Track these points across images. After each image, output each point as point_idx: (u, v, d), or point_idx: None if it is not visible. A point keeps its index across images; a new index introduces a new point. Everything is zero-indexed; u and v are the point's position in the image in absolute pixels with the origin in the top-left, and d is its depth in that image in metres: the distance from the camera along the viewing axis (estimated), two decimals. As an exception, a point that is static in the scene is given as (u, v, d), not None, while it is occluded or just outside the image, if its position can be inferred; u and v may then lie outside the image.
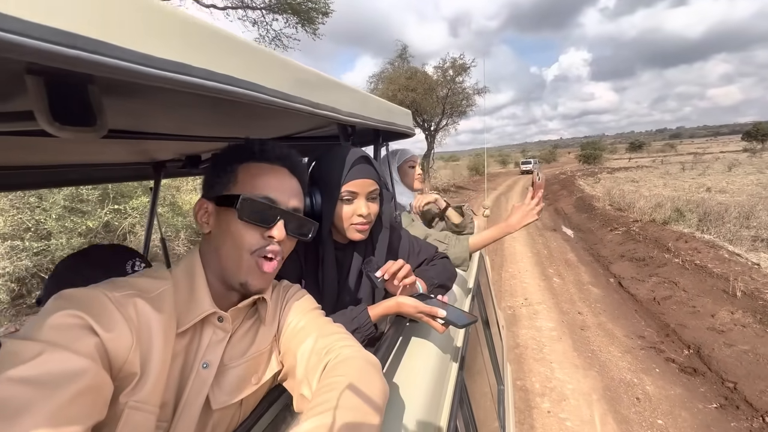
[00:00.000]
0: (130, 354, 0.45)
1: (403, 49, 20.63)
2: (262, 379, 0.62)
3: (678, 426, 2.92)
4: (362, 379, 0.52)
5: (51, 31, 0.26)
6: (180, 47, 0.38)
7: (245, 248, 0.57)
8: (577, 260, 7.35)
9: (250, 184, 0.59)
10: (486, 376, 1.47)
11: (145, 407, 0.46)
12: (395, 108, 1.12)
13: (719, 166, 25.14)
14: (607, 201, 11.94)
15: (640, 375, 3.59)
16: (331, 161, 0.87)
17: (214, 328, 0.57)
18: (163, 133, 0.89)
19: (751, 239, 7.11)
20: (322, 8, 11.23)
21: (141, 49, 0.33)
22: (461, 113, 21.78)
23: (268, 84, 0.55)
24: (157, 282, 0.54)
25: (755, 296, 4.30)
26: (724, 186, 14.71)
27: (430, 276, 0.98)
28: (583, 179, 21.37)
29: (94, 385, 0.39)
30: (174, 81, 0.37)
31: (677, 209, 8.35)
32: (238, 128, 0.95)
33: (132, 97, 0.52)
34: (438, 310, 0.78)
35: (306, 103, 0.58)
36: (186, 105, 0.61)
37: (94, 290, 0.48)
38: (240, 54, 0.47)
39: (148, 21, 0.34)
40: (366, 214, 0.86)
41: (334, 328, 0.65)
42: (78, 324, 0.42)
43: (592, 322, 4.72)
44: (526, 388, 3.39)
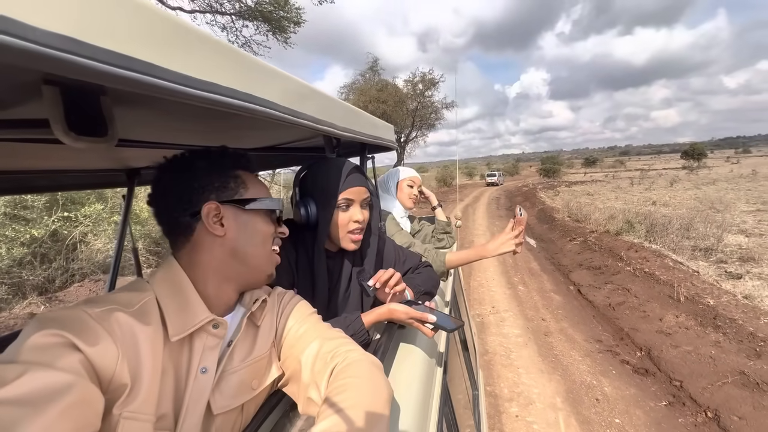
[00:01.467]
0: (117, 365, 0.45)
1: (374, 62, 21.04)
2: (262, 384, 0.63)
3: (633, 424, 3.12)
4: (370, 380, 0.55)
5: (64, 40, 0.26)
6: (182, 58, 0.38)
7: (269, 241, 0.65)
8: (540, 269, 7.70)
9: (255, 190, 0.64)
10: (463, 381, 1.51)
11: (141, 416, 0.46)
12: (379, 122, 1.16)
13: (662, 181, 27.43)
14: (566, 213, 12.64)
15: (599, 377, 3.80)
16: (328, 171, 0.91)
17: (207, 335, 0.57)
18: (143, 141, 0.87)
19: (691, 249, 7.80)
20: (294, 18, 11.22)
21: (146, 59, 0.33)
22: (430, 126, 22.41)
23: (269, 97, 0.55)
24: (137, 295, 0.54)
25: (696, 301, 4.71)
26: (667, 200, 16.05)
27: (417, 284, 1.02)
28: (544, 192, 22.51)
29: (82, 399, 0.39)
30: (179, 93, 0.37)
31: (628, 221, 8.99)
32: (222, 137, 0.94)
33: (122, 106, 0.51)
34: (428, 316, 0.81)
35: (305, 117, 0.61)
36: (171, 113, 0.60)
37: (72, 309, 0.47)
38: (239, 65, 0.47)
39: (150, 30, 0.34)
40: (361, 219, 0.91)
41: (335, 333, 0.67)
42: (59, 342, 0.41)
43: (554, 327, 4.95)
44: (495, 394, 3.49)
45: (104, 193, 8.11)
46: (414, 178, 1.83)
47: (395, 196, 1.81)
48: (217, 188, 0.61)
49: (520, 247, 1.34)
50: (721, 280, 5.51)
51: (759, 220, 11.10)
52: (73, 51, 0.26)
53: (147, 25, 0.34)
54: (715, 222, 8.86)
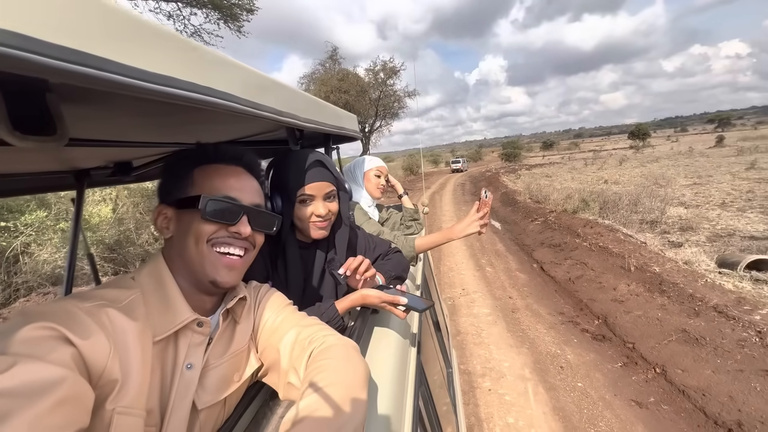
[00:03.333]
0: (108, 360, 0.45)
1: (334, 51, 20.63)
2: (243, 376, 0.64)
3: (593, 386, 3.38)
4: (347, 360, 0.57)
5: (7, 35, 0.25)
6: (136, 51, 0.36)
7: (203, 237, 0.58)
8: (505, 250, 8.04)
9: (208, 186, 0.60)
10: (437, 360, 1.58)
11: (133, 411, 0.46)
12: (342, 112, 1.16)
13: (613, 161, 29.29)
14: (527, 195, 13.21)
15: (562, 346, 4.07)
16: (287, 167, 0.91)
17: (192, 333, 0.58)
18: (94, 140, 0.81)
19: (639, 222, 8.45)
20: (246, 5, 10.73)
21: (96, 53, 0.32)
22: (393, 115, 22.40)
23: (230, 90, 0.54)
24: (124, 291, 0.53)
25: (644, 269, 5.13)
26: (617, 178, 17.19)
27: (388, 269, 1.06)
28: (506, 176, 23.36)
29: (73, 394, 0.38)
30: (135, 88, 0.36)
31: (583, 200, 9.54)
32: (178, 132, 0.89)
33: (71, 103, 0.48)
34: (399, 298, 0.85)
35: (266, 110, 0.60)
36: (124, 110, 0.57)
37: (62, 302, 0.46)
38: (197, 58, 0.46)
39: (101, 23, 0.33)
40: (324, 213, 0.91)
41: (311, 320, 0.69)
42: (51, 335, 0.40)
43: (521, 304, 5.22)
44: (469, 371, 3.64)
45: (46, 198, 7.47)
46: (380, 167, 1.84)
47: (362, 186, 1.81)
48: (169, 190, 0.62)
49: (486, 228, 1.38)
50: (665, 249, 6.03)
51: (695, 192, 12.20)
52: (18, 46, 0.25)
53: (99, 19, 0.32)
54: (658, 197, 9.62)
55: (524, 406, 3.15)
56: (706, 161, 22.62)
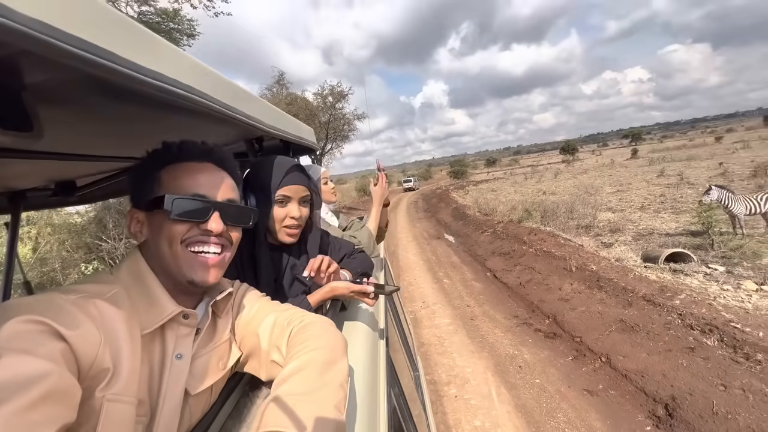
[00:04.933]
0: (99, 350, 0.44)
1: (281, 76, 20.62)
2: (227, 365, 0.65)
3: (549, 380, 3.59)
4: (327, 332, 0.61)
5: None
6: (138, 49, 0.37)
7: (177, 239, 0.57)
8: (460, 261, 8.35)
9: (176, 185, 0.58)
10: (405, 364, 1.62)
11: (123, 399, 0.46)
12: (302, 124, 1.21)
13: (549, 174, 31.94)
14: (476, 209, 13.93)
15: (519, 347, 4.29)
16: (267, 168, 0.93)
17: (179, 325, 0.58)
18: (35, 151, 0.73)
19: (576, 227, 9.26)
20: (186, 30, 10.48)
21: (106, 46, 0.33)
22: (344, 137, 22.69)
23: (209, 92, 0.55)
24: (105, 286, 0.53)
25: (583, 269, 5.61)
26: (554, 189, 18.76)
27: (354, 266, 1.11)
28: (456, 192, 24.44)
29: (58, 388, 0.37)
30: (118, 73, 0.36)
31: (526, 210, 10.29)
32: (130, 145, 0.86)
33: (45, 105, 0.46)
34: (366, 287, 0.90)
35: (240, 114, 0.63)
36: (77, 112, 0.54)
37: (48, 295, 0.46)
38: (179, 59, 0.48)
39: (104, 20, 0.35)
40: (298, 216, 0.94)
41: (286, 306, 0.72)
42: (40, 329, 0.40)
43: (478, 311, 5.43)
44: (434, 381, 3.70)
45: None
46: (323, 173, 1.94)
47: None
48: (137, 193, 0.60)
49: (384, 180, 1.79)
50: (599, 250, 6.66)
51: (619, 198, 13.67)
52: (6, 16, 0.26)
53: (106, 17, 0.35)
54: (590, 204, 10.65)
55: (489, 408, 3.25)
56: (626, 171, 25.50)
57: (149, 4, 9.17)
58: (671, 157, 30.62)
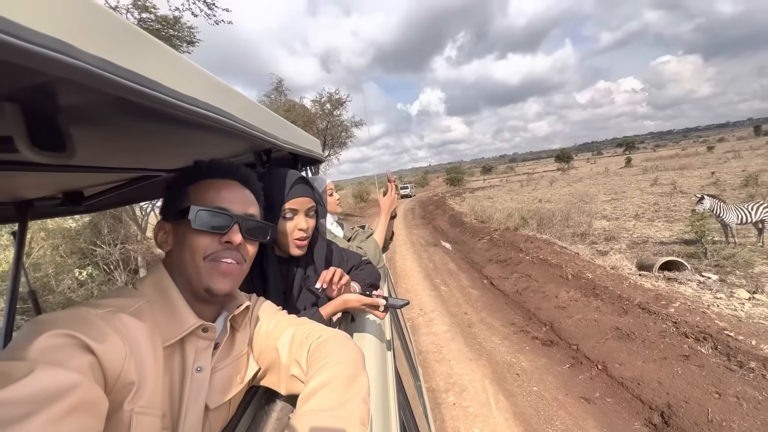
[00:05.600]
0: (125, 363, 0.46)
1: (279, 83, 20.75)
2: (245, 378, 0.67)
3: (547, 388, 3.61)
4: (347, 347, 0.63)
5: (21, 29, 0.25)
6: (131, 55, 0.37)
7: (200, 254, 0.60)
8: (457, 269, 8.38)
9: (201, 198, 0.62)
10: (407, 372, 1.63)
11: (150, 411, 0.48)
12: (309, 136, 1.23)
13: (544, 182, 32.22)
14: (473, 216, 14.00)
15: (516, 355, 4.31)
16: (273, 183, 0.94)
17: (198, 339, 0.60)
18: (45, 164, 0.74)
19: (571, 235, 9.35)
20: (186, 37, 10.55)
21: (124, 64, 0.34)
22: (342, 144, 22.79)
23: (229, 109, 0.57)
24: (129, 300, 0.55)
25: (580, 277, 5.66)
26: (549, 197, 18.92)
27: (362, 278, 1.13)
28: (452, 199, 24.54)
29: (88, 400, 0.39)
30: (128, 89, 0.36)
31: (522, 217, 10.37)
32: (141, 157, 0.87)
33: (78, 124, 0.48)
34: (378, 300, 0.92)
35: (256, 129, 0.66)
36: (91, 126, 0.55)
37: (76, 310, 0.47)
38: (203, 79, 0.50)
39: (97, 23, 0.34)
40: (306, 228, 0.96)
41: (303, 320, 0.73)
42: (69, 342, 0.41)
43: (476, 319, 5.45)
44: (432, 388, 3.70)
45: None
46: (328, 184, 1.94)
47: None
48: (166, 206, 0.64)
49: (396, 193, 1.79)
50: (595, 257, 6.72)
51: (614, 207, 13.82)
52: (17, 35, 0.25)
53: (126, 34, 0.36)
54: (585, 212, 10.76)
55: (488, 416, 3.26)
56: (620, 179, 25.80)
57: (150, 11, 9.24)
58: (664, 166, 31.04)
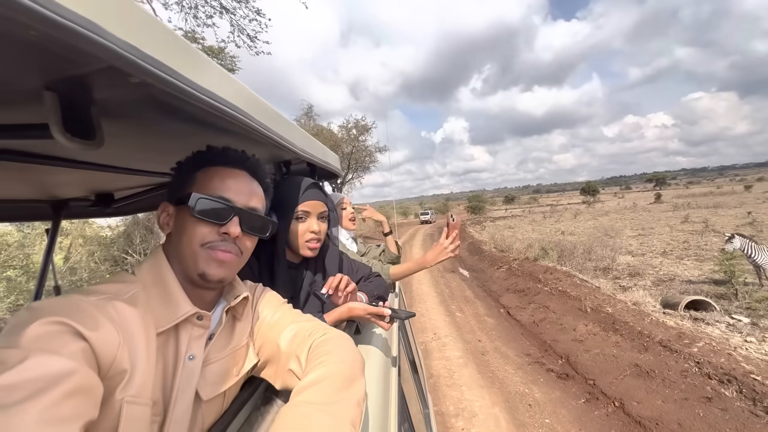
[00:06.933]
0: (118, 351, 0.46)
1: (309, 108, 21.83)
2: (242, 371, 0.66)
3: (560, 421, 3.52)
4: (347, 350, 0.61)
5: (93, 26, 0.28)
6: (193, 68, 0.42)
7: (196, 241, 0.59)
8: (473, 296, 8.31)
9: (206, 185, 0.61)
10: (415, 399, 1.57)
11: (141, 400, 0.48)
12: (328, 150, 1.28)
13: (568, 214, 31.53)
14: (492, 244, 13.87)
15: (530, 385, 4.23)
16: (287, 186, 0.99)
17: (193, 326, 0.59)
18: (85, 162, 0.80)
19: (593, 269, 9.12)
20: (228, 65, 11.45)
21: (177, 69, 0.38)
22: (365, 168, 23.40)
23: (261, 119, 0.60)
24: (126, 286, 0.55)
25: (599, 310, 5.53)
26: (572, 229, 18.51)
27: (371, 289, 1.12)
28: (472, 227, 24.38)
29: (83, 386, 0.39)
30: (197, 98, 0.42)
31: (543, 248, 10.22)
32: (170, 161, 0.82)
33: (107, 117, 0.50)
34: (383, 310, 0.89)
35: (284, 140, 0.72)
36: (127, 125, 0.58)
37: (69, 297, 0.47)
38: (241, 89, 0.54)
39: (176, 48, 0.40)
40: (317, 230, 0.98)
41: (308, 317, 0.72)
42: (62, 330, 0.41)
43: (490, 347, 5.38)
44: (442, 412, 3.68)
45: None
46: (343, 200, 1.91)
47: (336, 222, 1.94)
48: (174, 188, 0.64)
49: (458, 249, 1.41)
50: (617, 292, 6.54)
51: (641, 242, 13.38)
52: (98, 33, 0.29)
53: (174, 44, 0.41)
54: (609, 246, 10.50)
55: (496, 444, 3.21)
56: (648, 215, 24.95)
57: (198, 42, 10.14)
58: (697, 204, 29.84)
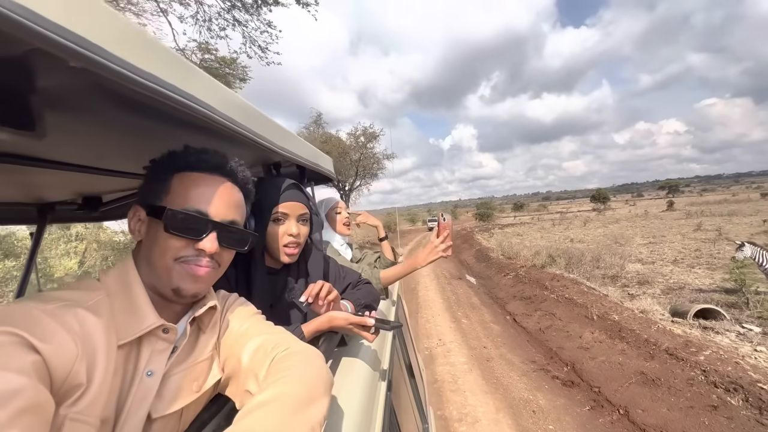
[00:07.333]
0: (75, 364, 0.43)
1: (318, 116, 22.18)
2: (203, 387, 0.59)
3: (564, 428, 3.53)
4: (311, 366, 0.55)
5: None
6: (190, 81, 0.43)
7: (170, 255, 0.56)
8: (480, 303, 8.30)
9: (182, 196, 0.57)
10: (413, 414, 1.49)
11: (86, 419, 0.44)
12: (319, 152, 1.22)
13: (578, 222, 31.21)
14: (500, 252, 13.82)
15: (534, 392, 4.23)
16: (265, 187, 0.92)
17: (157, 339, 0.55)
18: (66, 162, 0.76)
19: (602, 277, 9.04)
20: (240, 75, 11.76)
21: (169, 80, 0.39)
22: (373, 175, 23.60)
23: (237, 117, 0.58)
24: (88, 293, 0.51)
25: (605, 318, 5.50)
26: (582, 237, 18.34)
27: (357, 297, 1.03)
28: (480, 234, 24.27)
29: (34, 404, 0.36)
30: (146, 88, 0.39)
31: (550, 255, 10.17)
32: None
33: (54, 109, 0.48)
34: (367, 320, 0.82)
35: (263, 138, 0.69)
36: (107, 125, 0.56)
37: (23, 305, 0.44)
38: (216, 86, 0.54)
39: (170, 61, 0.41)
40: (296, 233, 0.91)
41: (278, 329, 0.65)
42: (12, 341, 0.38)
43: (495, 353, 5.39)
44: (445, 417, 3.71)
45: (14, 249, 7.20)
46: (338, 204, 1.85)
47: (329, 227, 1.81)
48: (147, 192, 0.59)
49: (449, 250, 1.36)
50: (624, 300, 6.49)
51: (651, 250, 13.20)
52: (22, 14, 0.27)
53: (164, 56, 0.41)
54: (618, 254, 10.40)
55: (499, 449, 3.23)
56: (660, 223, 24.57)
57: (211, 53, 10.46)
58: (711, 212, 29.27)
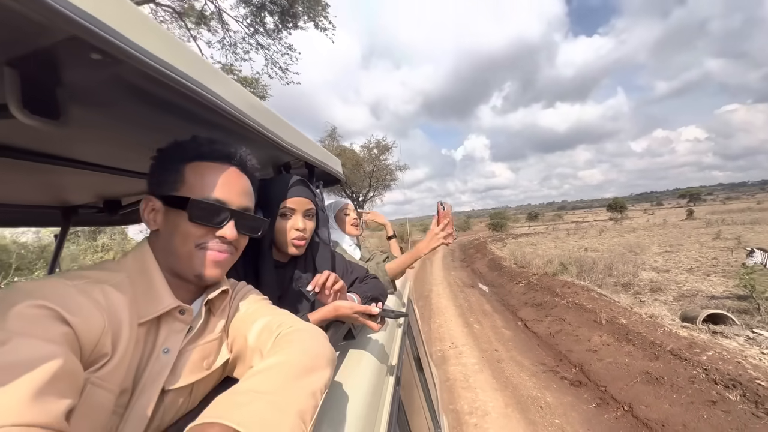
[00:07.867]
0: (102, 336, 0.45)
1: (333, 130, 22.92)
2: (213, 365, 0.62)
3: (569, 422, 3.74)
4: (315, 340, 0.57)
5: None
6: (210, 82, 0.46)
7: (191, 242, 0.59)
8: (492, 310, 8.49)
9: (199, 186, 0.59)
10: (424, 418, 1.48)
11: (106, 385, 0.46)
12: (328, 153, 1.26)
13: (593, 231, 30.83)
14: (513, 261, 13.93)
15: (543, 391, 4.44)
16: (273, 183, 0.96)
17: (174, 320, 0.58)
18: (89, 162, 0.79)
19: (614, 284, 9.11)
20: (260, 93, 12.46)
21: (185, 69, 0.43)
22: (386, 186, 24.08)
23: (260, 120, 0.63)
24: (112, 273, 0.54)
25: (614, 322, 5.66)
26: (596, 246, 18.21)
27: (364, 290, 1.04)
28: (493, 244, 24.29)
29: (66, 370, 0.38)
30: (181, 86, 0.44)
31: (562, 263, 10.28)
32: None
33: (80, 102, 0.50)
34: (372, 308, 0.84)
35: (281, 140, 0.75)
36: (130, 123, 0.58)
37: (54, 280, 0.46)
38: (239, 91, 0.58)
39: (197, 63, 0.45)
40: (302, 228, 0.95)
41: (284, 311, 0.69)
42: (45, 314, 0.41)
43: (506, 356, 5.60)
44: (457, 411, 3.97)
45: (56, 258, 7.78)
46: (345, 205, 1.89)
47: (337, 228, 1.86)
48: (160, 182, 0.61)
49: (450, 238, 1.40)
50: (634, 306, 6.62)
51: (667, 259, 13.09)
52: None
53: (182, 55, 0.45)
54: (631, 262, 10.44)
55: (507, 439, 3.47)
56: (678, 232, 24.11)
57: (234, 73, 11.17)
58: (732, 220, 28.55)
